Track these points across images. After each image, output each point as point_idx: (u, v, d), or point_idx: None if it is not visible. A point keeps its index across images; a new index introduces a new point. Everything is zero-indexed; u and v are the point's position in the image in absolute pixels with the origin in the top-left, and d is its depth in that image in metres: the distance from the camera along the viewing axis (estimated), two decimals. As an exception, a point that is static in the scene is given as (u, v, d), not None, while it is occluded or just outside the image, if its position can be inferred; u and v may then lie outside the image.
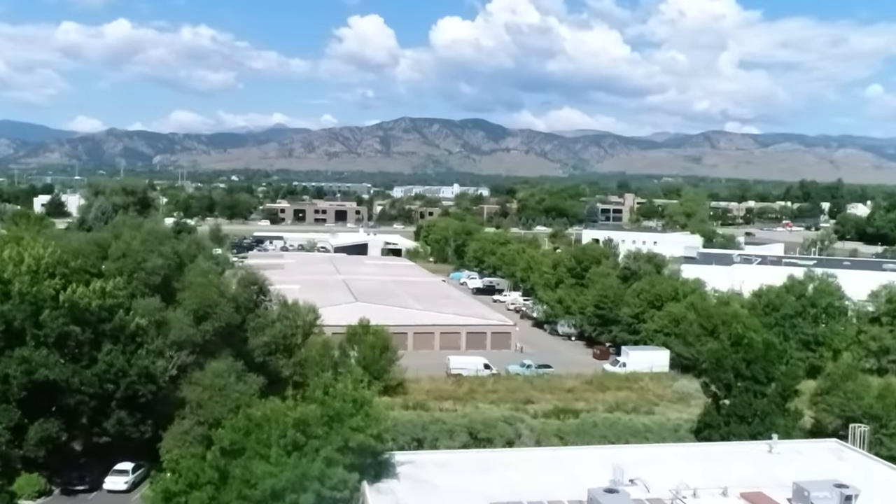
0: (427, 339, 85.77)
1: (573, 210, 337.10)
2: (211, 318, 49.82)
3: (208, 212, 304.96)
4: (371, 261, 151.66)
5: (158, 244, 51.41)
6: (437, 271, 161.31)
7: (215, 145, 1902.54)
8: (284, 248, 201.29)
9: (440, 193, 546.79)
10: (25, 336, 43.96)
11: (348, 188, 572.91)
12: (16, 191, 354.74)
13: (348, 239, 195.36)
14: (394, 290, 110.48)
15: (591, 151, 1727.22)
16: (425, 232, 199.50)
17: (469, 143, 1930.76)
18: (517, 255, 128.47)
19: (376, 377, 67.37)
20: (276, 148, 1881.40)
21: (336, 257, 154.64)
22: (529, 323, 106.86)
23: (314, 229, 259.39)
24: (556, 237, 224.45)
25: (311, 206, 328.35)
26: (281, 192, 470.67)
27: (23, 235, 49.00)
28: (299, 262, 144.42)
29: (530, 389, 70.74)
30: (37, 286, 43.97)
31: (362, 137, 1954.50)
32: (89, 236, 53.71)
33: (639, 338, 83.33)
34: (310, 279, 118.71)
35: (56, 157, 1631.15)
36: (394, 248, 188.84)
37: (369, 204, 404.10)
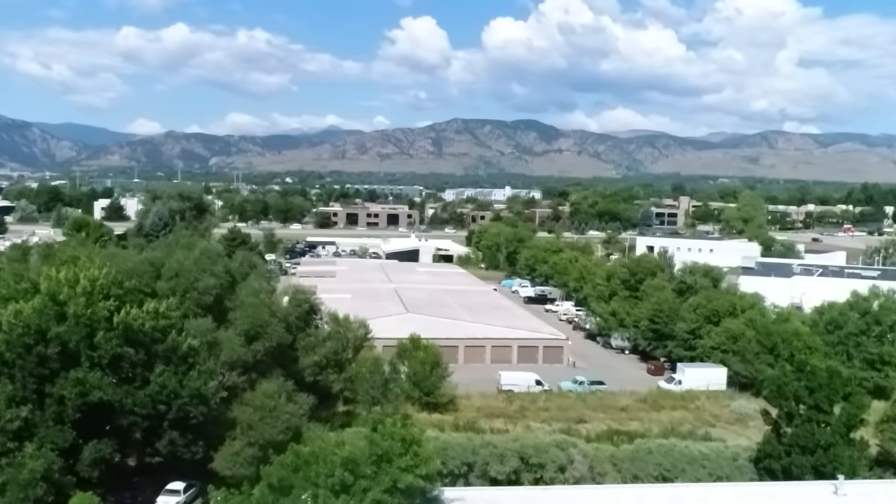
0: (478, 353, 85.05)
1: (626, 214, 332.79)
2: (262, 337, 49.86)
3: (262, 215, 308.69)
4: (422, 268, 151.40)
5: (211, 263, 51.65)
6: (489, 278, 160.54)
7: (270, 147, 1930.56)
8: (337, 253, 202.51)
9: (492, 196, 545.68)
10: (80, 357, 44.40)
11: (400, 191, 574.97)
12: (77, 194, 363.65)
13: (400, 245, 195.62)
14: (445, 299, 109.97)
15: (645, 152, 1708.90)
16: (477, 238, 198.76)
17: (521, 144, 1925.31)
18: (570, 264, 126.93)
19: (427, 393, 67.16)
20: (330, 149, 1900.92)
21: (387, 264, 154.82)
22: (582, 335, 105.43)
23: (366, 234, 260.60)
24: (609, 243, 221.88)
25: (364, 209, 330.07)
26: (334, 194, 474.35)
27: (79, 255, 49.61)
28: (351, 269, 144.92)
29: (583, 408, 69.60)
30: (91, 308, 44.37)
31: (414, 139, 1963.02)
32: (143, 256, 54.12)
33: (695, 354, 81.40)
34: (361, 288, 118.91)
35: (116, 160, 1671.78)
36: (445, 254, 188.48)
37: (421, 207, 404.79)
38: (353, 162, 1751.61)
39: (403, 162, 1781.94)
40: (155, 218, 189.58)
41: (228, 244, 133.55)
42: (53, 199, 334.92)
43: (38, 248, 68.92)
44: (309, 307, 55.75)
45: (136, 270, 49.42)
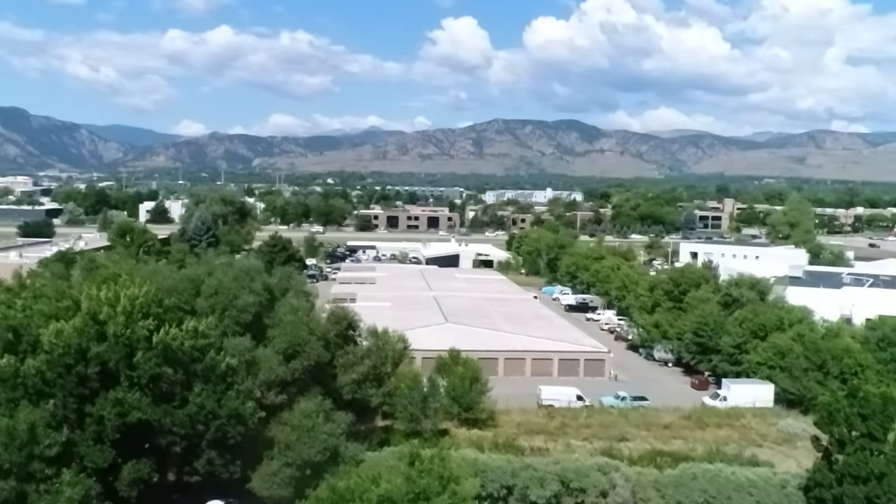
0: (518, 366, 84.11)
1: (669, 217, 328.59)
2: (300, 356, 49.55)
3: (304, 218, 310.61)
4: (462, 274, 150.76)
5: (250, 280, 51.49)
6: (529, 284, 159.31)
7: (312, 148, 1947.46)
8: (377, 257, 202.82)
9: (533, 198, 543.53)
10: (120, 377, 44.41)
11: (441, 192, 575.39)
12: (123, 196, 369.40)
13: (440, 249, 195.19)
14: (485, 308, 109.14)
15: (689, 152, 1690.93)
16: (517, 243, 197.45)
17: (562, 144, 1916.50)
18: (612, 272, 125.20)
19: (466, 409, 66.42)
20: (371, 150, 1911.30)
21: (427, 270, 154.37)
22: (624, 345, 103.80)
23: (406, 237, 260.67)
24: (651, 248, 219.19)
25: (404, 212, 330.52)
26: (375, 196, 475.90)
27: (120, 272, 49.79)
28: (391, 275, 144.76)
29: (625, 425, 68.27)
30: (131, 328, 44.38)
31: (455, 139, 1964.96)
32: (183, 273, 54.08)
33: (740, 369, 79.49)
34: (401, 295, 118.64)
35: (162, 161, 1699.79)
36: (485, 259, 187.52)
37: (461, 209, 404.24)
38: (394, 163, 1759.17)
39: (444, 163, 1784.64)
40: (198, 222, 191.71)
41: (270, 250, 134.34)
42: (100, 201, 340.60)
43: (81, 263, 69.35)
44: (347, 324, 55.31)
45: (176, 288, 49.44)
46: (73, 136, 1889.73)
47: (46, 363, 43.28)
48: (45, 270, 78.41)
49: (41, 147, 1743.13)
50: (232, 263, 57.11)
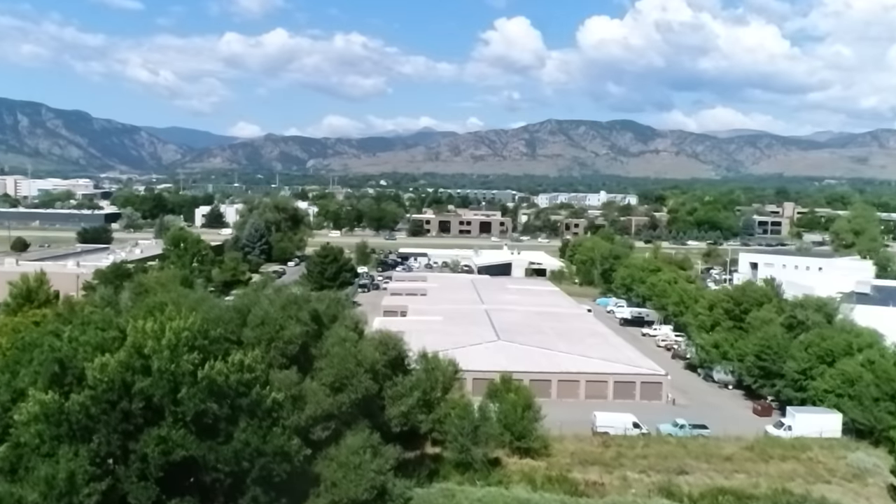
0: (572, 388, 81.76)
1: (727, 222, 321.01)
2: (348, 389, 48.21)
3: (356, 222, 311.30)
4: (514, 285, 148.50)
5: (297, 309, 50.32)
6: (583, 296, 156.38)
7: (365, 149, 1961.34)
8: (429, 265, 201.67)
9: (586, 201, 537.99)
10: (164, 412, 43.57)
11: (493, 196, 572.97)
12: (180, 200, 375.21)
13: (492, 258, 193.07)
14: (537, 323, 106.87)
15: (746, 152, 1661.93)
16: (571, 251, 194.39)
17: (616, 144, 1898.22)
18: (668, 286, 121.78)
19: (518, 438, 64.42)
20: (424, 151, 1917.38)
21: (479, 280, 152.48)
22: (681, 364, 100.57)
23: (458, 243, 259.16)
24: (709, 256, 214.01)
25: (456, 217, 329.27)
26: (427, 199, 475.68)
27: (166, 301, 49.12)
28: (442, 286, 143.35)
29: (684, 455, 65.51)
30: (176, 362, 43.50)
31: (508, 140, 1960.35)
32: (230, 303, 53.19)
33: (806, 396, 75.96)
34: (452, 308, 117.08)
35: (218, 162, 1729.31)
36: (538, 268, 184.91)
37: (514, 213, 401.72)
38: (447, 163, 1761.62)
39: (497, 163, 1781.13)
40: (251, 230, 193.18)
41: (321, 260, 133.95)
42: (157, 205, 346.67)
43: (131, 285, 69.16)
44: (397, 353, 53.84)
45: (222, 318, 48.53)
46: (133, 139, 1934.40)
47: (91, 399, 42.58)
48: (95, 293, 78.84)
49: (103, 149, 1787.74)
50: (280, 290, 55.89)
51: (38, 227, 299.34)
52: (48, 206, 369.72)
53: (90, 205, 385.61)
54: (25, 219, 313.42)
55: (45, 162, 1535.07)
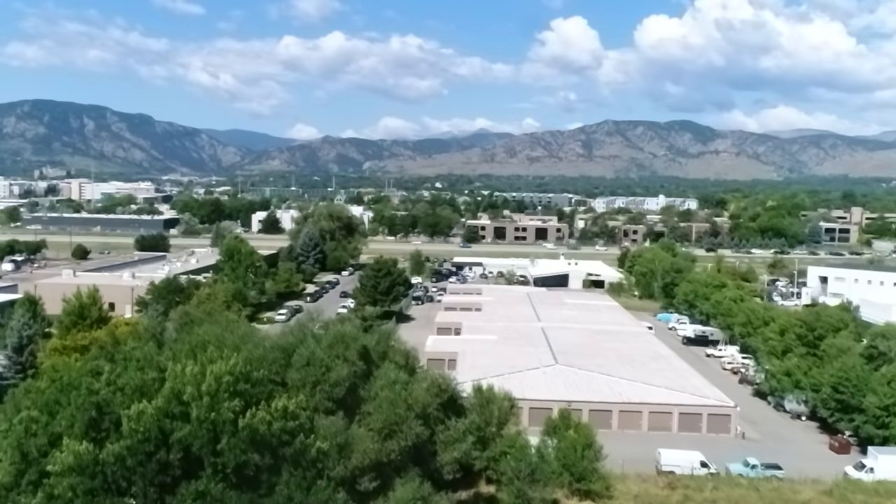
0: (634, 419, 77.67)
1: (792, 229, 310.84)
2: (397, 435, 45.32)
3: (411, 228, 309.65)
4: (572, 299, 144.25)
5: (345, 348, 47.62)
6: (643, 310, 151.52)
7: (421, 151, 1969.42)
8: (483, 275, 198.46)
9: (644, 205, 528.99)
10: (203, 463, 41.27)
11: (549, 200, 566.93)
12: (238, 205, 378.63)
13: (548, 268, 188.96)
14: (597, 345, 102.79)
15: (810, 153, 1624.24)
16: (630, 262, 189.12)
17: (675, 145, 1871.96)
18: (734, 304, 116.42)
19: (578, 479, 60.85)
20: (479, 153, 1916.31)
21: (535, 294, 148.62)
22: (749, 391, 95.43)
23: (514, 251, 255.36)
24: (774, 267, 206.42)
25: (512, 223, 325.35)
26: (482, 204, 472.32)
27: (209, 339, 46.90)
28: (497, 299, 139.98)
29: (757, 500, 61.08)
30: (216, 410, 41.16)
31: (564, 141, 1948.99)
32: (274, 342, 50.73)
33: (889, 434, 70.69)
34: (507, 326, 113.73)
35: (276, 164, 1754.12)
36: (596, 279, 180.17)
37: (570, 219, 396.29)
38: (503, 165, 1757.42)
39: (553, 165, 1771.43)
40: (305, 239, 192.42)
41: (375, 274, 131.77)
42: (215, 211, 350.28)
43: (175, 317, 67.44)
44: (449, 396, 50.74)
45: (266, 357, 46.09)
46: (193, 141, 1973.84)
47: (127, 449, 40.47)
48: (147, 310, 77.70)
49: (164, 151, 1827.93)
50: (327, 327, 53.21)
51: (100, 233, 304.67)
52: (110, 211, 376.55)
53: (150, 209, 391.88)
54: (87, 224, 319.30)
55: (109, 164, 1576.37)
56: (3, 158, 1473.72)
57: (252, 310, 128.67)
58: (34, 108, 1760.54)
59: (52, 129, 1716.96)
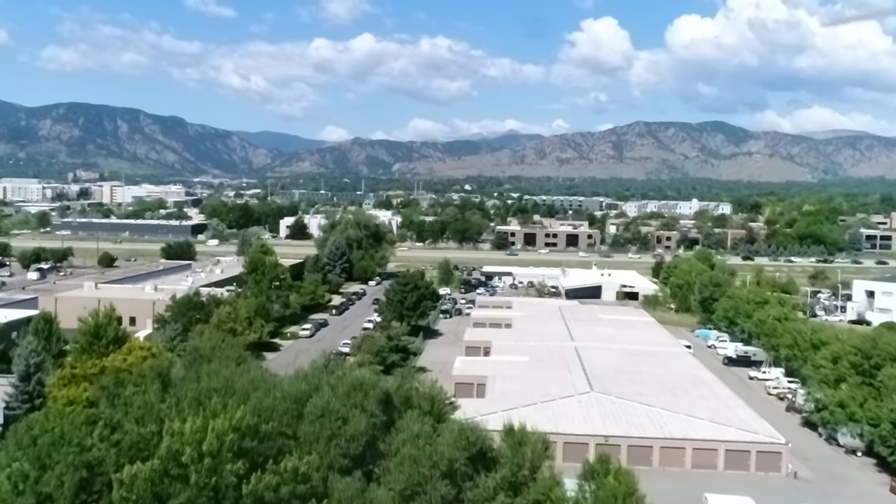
0: (677, 455, 72.33)
1: (832, 236, 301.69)
2: (420, 496, 40.81)
3: (440, 234, 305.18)
4: (606, 314, 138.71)
5: (363, 396, 43.23)
6: (679, 324, 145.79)
7: (450, 153, 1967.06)
8: (514, 285, 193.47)
9: (677, 209, 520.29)
10: (205, 532, 37.02)
11: (580, 204, 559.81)
12: (266, 210, 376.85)
13: (580, 279, 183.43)
14: (634, 368, 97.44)
15: (845, 154, 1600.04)
16: (665, 273, 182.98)
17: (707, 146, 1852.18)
18: (779, 324, 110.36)
19: (618, 531, 55.69)
20: (509, 155, 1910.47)
21: (567, 308, 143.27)
22: (797, 420, 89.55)
23: (544, 259, 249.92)
24: (816, 278, 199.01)
25: (542, 229, 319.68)
26: (511, 209, 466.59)
27: (215, 387, 42.78)
28: (528, 314, 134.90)
29: (815, 555, 55.77)
30: (217, 474, 36.88)
31: (594, 143, 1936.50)
32: (286, 389, 46.35)
33: (958, 478, 64.82)
34: (539, 346, 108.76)
35: (307, 166, 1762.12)
36: (630, 290, 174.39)
37: (601, 224, 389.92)
38: (532, 167, 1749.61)
39: (583, 166, 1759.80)
40: (332, 248, 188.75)
41: (401, 289, 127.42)
42: (244, 216, 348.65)
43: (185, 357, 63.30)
44: (478, 450, 46.01)
45: (277, 408, 41.86)
46: (225, 143, 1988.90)
47: (118, 518, 36.43)
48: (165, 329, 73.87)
49: (197, 154, 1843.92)
50: (344, 375, 48.72)
51: (128, 239, 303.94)
52: (139, 215, 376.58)
53: (179, 214, 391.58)
54: (116, 230, 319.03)
55: (142, 166, 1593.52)
56: (38, 160, 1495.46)
57: (275, 325, 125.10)
58: (69, 110, 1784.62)
59: (86, 132, 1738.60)
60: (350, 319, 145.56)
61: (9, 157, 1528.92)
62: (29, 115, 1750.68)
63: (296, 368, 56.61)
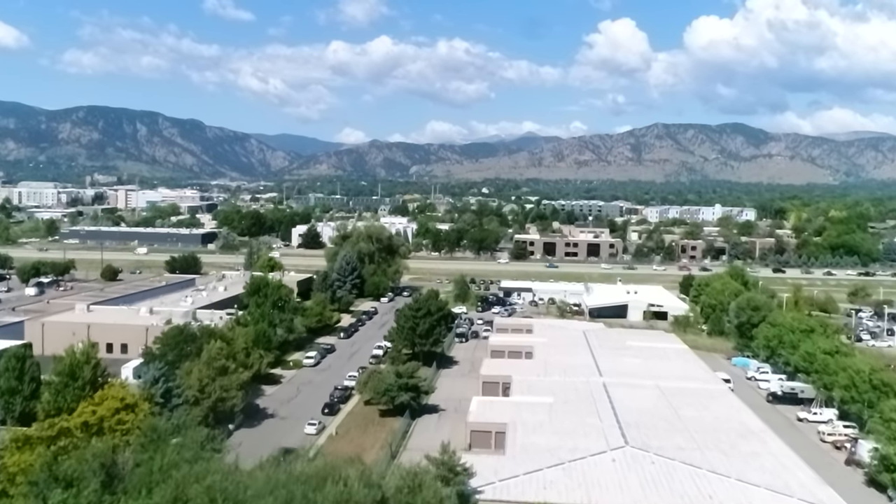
0: (730, 534, 61.91)
1: (865, 245, 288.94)
2: None
3: (457, 244, 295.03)
4: (635, 340, 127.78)
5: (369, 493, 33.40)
6: (713, 350, 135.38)
7: (468, 155, 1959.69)
8: (534, 301, 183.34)
9: (699, 215, 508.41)
10: None
11: (599, 209, 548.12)
12: (279, 217, 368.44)
13: (605, 297, 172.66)
14: (672, 412, 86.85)
15: (867, 156, 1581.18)
16: (695, 291, 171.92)
17: (727, 148, 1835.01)
18: (830, 358, 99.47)
19: None
20: (527, 157, 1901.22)
21: (593, 333, 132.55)
22: (859, 476, 78.61)
23: (566, 273, 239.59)
24: (856, 295, 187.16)
25: (562, 238, 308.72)
26: (530, 214, 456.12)
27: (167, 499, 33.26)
28: (551, 341, 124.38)
29: None
30: None
31: (613, 145, 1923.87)
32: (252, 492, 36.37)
33: None
34: (564, 383, 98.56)
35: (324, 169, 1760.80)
36: (658, 310, 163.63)
37: (623, 231, 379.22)
38: (550, 169, 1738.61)
39: (601, 169, 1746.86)
40: (342, 263, 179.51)
41: (413, 315, 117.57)
42: (255, 224, 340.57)
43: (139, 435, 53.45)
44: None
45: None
46: (243, 146, 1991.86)
47: None
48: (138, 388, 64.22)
49: (215, 156, 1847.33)
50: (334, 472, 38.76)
51: (137, 247, 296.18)
52: (150, 223, 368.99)
53: (191, 221, 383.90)
54: (125, 238, 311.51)
55: (161, 169, 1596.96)
56: (58, 164, 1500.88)
57: (277, 353, 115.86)
58: (89, 113, 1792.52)
59: (105, 135, 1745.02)
60: (359, 343, 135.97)
61: (29, 160, 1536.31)
62: (49, 119, 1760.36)
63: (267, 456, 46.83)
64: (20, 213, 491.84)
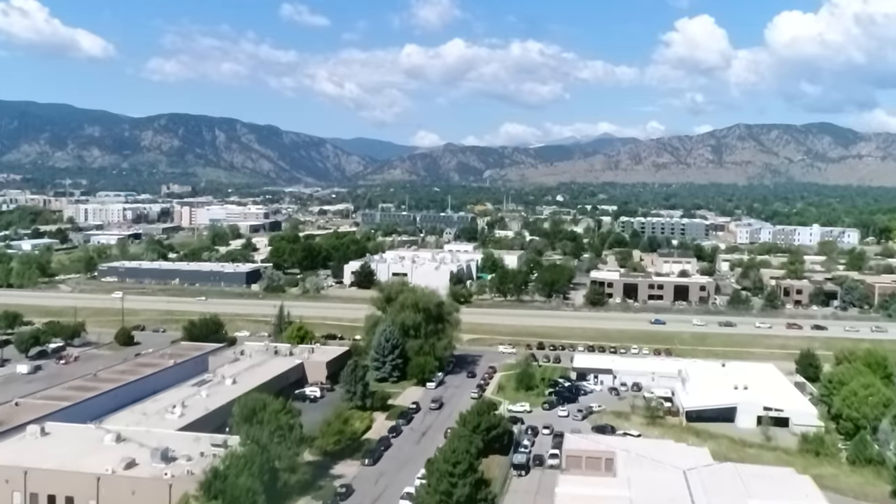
0: None
1: None
2: None
3: (523, 286, 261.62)
4: (757, 483, 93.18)
5: None
6: (863, 496, 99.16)
7: (542, 158, 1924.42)
8: (614, 388, 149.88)
9: (795, 237, 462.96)
10: None
11: (683, 230, 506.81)
12: (334, 244, 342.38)
13: (706, 394, 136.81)
14: None
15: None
16: (825, 389, 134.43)
17: (813, 149, 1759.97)
18: None
19: None
20: (603, 160, 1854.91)
21: (698, 483, 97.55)
22: None
23: (650, 334, 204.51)
24: None
25: (645, 279, 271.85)
26: (607, 241, 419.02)
27: None
28: (640, 485, 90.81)
29: None
30: None
31: (692, 147, 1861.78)
32: None
33: None
34: None
35: (398, 174, 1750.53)
36: (777, 415, 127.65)
37: (711, 259, 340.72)
38: (627, 172, 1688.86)
39: (680, 171, 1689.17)
40: (381, 339, 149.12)
41: (448, 476, 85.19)
42: (307, 256, 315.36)
43: None
44: None
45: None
46: (319, 151, 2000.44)
47: None
48: None
49: (291, 162, 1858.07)
50: None
51: (175, 287, 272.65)
52: (197, 254, 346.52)
53: (244, 249, 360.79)
54: (166, 277, 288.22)
55: (238, 175, 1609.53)
56: (140, 171, 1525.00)
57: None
58: (170, 121, 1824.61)
59: (185, 142, 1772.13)
60: (388, 476, 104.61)
61: (112, 167, 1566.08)
62: (132, 126, 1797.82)
63: None
64: (80, 233, 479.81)
